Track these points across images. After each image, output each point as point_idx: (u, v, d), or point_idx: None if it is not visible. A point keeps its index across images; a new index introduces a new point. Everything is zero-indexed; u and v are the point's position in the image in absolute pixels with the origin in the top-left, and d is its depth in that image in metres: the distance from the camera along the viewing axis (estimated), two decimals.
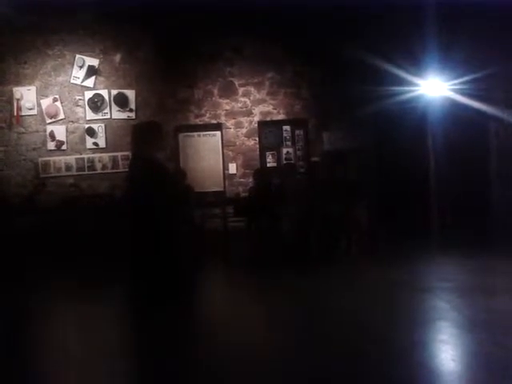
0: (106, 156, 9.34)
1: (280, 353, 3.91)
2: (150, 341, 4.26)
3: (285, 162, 9.31)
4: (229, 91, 9.42)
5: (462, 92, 8.28)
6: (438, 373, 3.44)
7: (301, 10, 8.48)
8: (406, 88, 8.54)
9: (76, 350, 4.31)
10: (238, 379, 3.46)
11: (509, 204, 8.38)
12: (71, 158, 9.33)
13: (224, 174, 9.38)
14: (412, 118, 8.17)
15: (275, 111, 9.42)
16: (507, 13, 7.85)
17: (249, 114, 9.42)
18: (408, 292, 5.52)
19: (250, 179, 8.96)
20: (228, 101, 9.42)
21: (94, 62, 9.40)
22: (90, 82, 9.40)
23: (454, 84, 8.38)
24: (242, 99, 9.42)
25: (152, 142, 4.62)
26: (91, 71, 9.38)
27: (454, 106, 8.35)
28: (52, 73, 9.41)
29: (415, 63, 8.35)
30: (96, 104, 9.37)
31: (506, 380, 3.25)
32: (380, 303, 5.13)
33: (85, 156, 9.35)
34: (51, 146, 9.36)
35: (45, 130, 9.36)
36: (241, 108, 9.42)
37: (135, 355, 4.19)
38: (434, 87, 8.66)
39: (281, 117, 9.41)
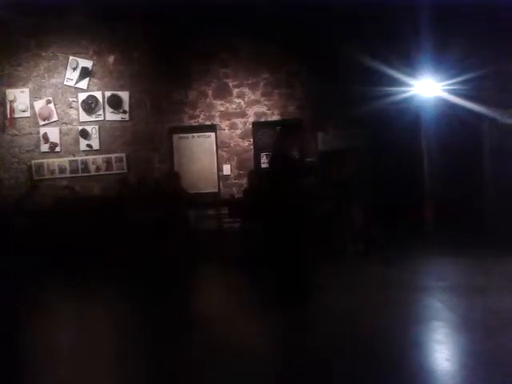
0: (99, 158, 9.31)
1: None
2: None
3: None
4: (223, 92, 9.40)
5: (455, 92, 8.29)
6: (433, 372, 3.43)
7: (295, 10, 8.47)
8: (400, 88, 8.55)
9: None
10: None
11: (503, 204, 8.39)
12: (65, 160, 9.30)
13: (218, 175, 9.36)
14: (406, 119, 8.17)
15: (269, 112, 9.41)
16: (500, 13, 7.88)
17: (243, 115, 9.40)
18: (403, 291, 5.51)
19: (245, 180, 8.94)
20: (222, 102, 9.41)
21: (88, 63, 9.37)
22: (83, 83, 9.36)
23: (448, 84, 8.39)
24: (237, 100, 9.40)
25: (292, 141, 5.27)
26: (85, 73, 9.35)
27: (448, 106, 8.35)
28: (45, 74, 9.38)
29: (409, 64, 8.36)
30: (90, 106, 9.33)
31: (500, 379, 3.24)
32: (375, 303, 5.12)
33: (78, 158, 9.31)
34: (45, 148, 9.32)
35: (38, 132, 9.34)
36: (235, 109, 9.40)
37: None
38: (427, 87, 8.67)
39: (275, 118, 9.40)
